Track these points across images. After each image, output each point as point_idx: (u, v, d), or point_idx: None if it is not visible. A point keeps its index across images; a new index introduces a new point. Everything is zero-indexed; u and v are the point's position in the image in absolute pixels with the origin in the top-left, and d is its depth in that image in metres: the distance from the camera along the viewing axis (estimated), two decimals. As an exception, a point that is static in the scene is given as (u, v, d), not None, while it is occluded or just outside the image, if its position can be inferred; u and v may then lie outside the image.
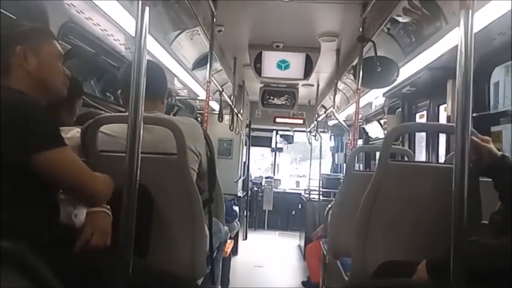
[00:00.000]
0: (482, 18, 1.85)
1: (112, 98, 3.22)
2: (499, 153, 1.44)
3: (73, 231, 1.25)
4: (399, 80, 2.92)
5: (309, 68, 4.05)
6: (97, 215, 1.28)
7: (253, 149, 7.87)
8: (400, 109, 3.95)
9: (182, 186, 1.59)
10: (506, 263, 1.17)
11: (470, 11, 1.05)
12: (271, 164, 9.23)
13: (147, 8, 1.07)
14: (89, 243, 1.22)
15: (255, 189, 8.48)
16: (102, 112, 2.62)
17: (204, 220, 1.66)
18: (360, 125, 4.88)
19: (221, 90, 4.37)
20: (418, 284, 1.37)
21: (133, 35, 1.08)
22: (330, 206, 3.12)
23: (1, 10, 1.52)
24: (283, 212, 8.50)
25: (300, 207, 7.19)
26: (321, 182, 6.18)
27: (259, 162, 9.84)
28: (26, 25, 1.29)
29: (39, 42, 1.28)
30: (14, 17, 1.54)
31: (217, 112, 4.49)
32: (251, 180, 8.07)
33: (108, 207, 1.31)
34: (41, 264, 0.99)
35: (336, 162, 7.86)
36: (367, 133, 5.31)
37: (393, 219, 1.66)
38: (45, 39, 1.31)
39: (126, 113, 1.12)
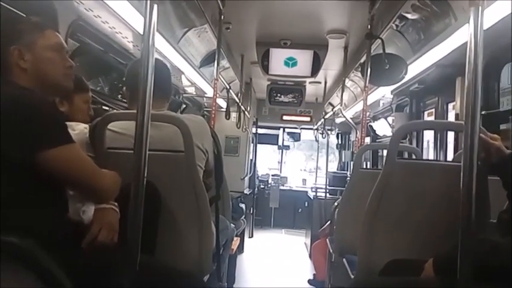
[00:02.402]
0: (491, 16, 1.83)
1: (120, 95, 3.24)
2: (508, 151, 1.42)
3: (81, 227, 1.26)
4: (407, 77, 2.90)
5: (316, 65, 4.03)
6: (105, 211, 1.28)
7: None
8: (408, 107, 3.92)
9: (189, 183, 1.59)
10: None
11: (480, 8, 1.04)
12: (278, 162, 9.22)
13: (155, 6, 1.08)
14: (96, 240, 1.23)
15: (262, 186, 8.47)
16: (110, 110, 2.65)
17: (211, 217, 1.66)
18: (368, 123, 4.86)
19: (228, 87, 4.37)
20: (425, 282, 1.36)
21: (142, 32, 1.08)
22: (336, 203, 3.11)
23: (11, 8, 1.53)
24: (289, 210, 8.46)
25: (306, 205, 7.17)
26: (327, 179, 6.16)
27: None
28: (22, 21, 1.28)
29: (33, 38, 1.25)
30: (24, 15, 1.55)
31: (225, 110, 4.49)
32: (257, 178, 8.07)
33: (116, 204, 1.32)
34: (50, 260, 1.00)
35: (343, 160, 7.83)
36: (375, 131, 5.29)
37: (400, 217, 1.65)
38: (40, 33, 1.27)
39: (135, 110, 1.13)
